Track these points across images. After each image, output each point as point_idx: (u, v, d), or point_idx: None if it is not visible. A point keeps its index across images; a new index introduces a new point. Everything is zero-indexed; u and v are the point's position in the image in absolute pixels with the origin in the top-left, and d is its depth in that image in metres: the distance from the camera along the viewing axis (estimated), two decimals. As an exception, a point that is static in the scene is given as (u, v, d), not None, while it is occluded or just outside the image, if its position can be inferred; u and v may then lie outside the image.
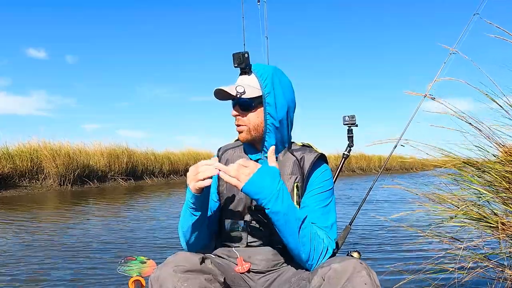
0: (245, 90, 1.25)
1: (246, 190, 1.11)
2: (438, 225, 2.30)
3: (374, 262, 3.19)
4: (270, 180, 1.11)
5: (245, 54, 1.26)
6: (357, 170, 22.19)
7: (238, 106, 1.30)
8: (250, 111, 1.28)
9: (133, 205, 7.07)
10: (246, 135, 1.30)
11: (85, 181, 10.31)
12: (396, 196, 7.95)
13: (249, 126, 1.29)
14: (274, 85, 1.28)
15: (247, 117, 1.29)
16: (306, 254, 1.15)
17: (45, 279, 2.77)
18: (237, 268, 1.26)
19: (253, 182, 1.10)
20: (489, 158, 2.18)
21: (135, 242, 3.99)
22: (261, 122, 1.29)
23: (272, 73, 1.30)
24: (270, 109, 1.28)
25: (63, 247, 3.72)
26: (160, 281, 1.01)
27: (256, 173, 1.11)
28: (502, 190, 2.07)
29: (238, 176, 1.12)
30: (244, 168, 1.12)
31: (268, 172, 1.13)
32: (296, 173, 1.29)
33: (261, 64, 1.33)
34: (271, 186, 1.11)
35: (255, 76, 1.28)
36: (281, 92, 1.30)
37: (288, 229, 1.12)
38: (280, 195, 1.11)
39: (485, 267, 2.17)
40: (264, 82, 1.27)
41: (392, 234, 4.39)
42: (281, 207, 1.11)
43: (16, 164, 9.11)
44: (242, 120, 1.30)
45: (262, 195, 1.10)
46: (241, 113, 1.29)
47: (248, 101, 1.27)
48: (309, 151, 1.34)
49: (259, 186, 1.10)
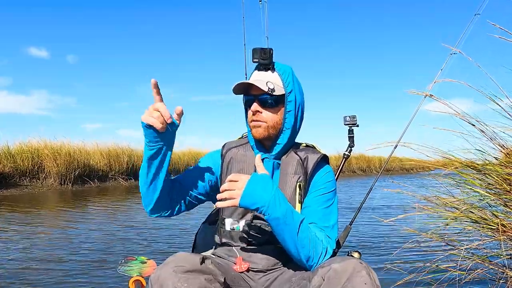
0: (274, 87, 1.24)
1: (243, 204, 1.12)
2: (439, 226, 2.30)
3: (375, 262, 3.19)
4: (263, 187, 1.12)
5: (270, 50, 1.24)
6: (358, 171, 22.17)
7: (258, 102, 1.27)
8: (272, 108, 1.27)
9: (133, 205, 7.07)
10: (263, 132, 1.28)
11: (85, 180, 10.32)
12: (396, 198, 7.94)
13: (268, 123, 1.28)
14: (294, 84, 1.29)
15: (267, 114, 1.27)
16: (306, 256, 1.15)
17: (45, 278, 2.78)
18: (235, 267, 1.26)
19: (247, 194, 1.11)
20: (491, 160, 2.18)
21: (135, 242, 3.99)
22: (280, 120, 1.29)
23: (292, 72, 1.30)
24: (291, 108, 1.28)
25: (63, 247, 3.72)
26: (160, 281, 1.01)
27: (247, 185, 1.11)
28: (503, 192, 2.07)
29: (231, 194, 1.12)
30: (234, 183, 1.13)
31: (259, 180, 1.13)
32: (299, 172, 1.29)
33: (278, 62, 1.32)
34: (265, 193, 1.11)
35: (277, 73, 1.27)
36: (298, 91, 1.31)
37: (287, 232, 1.13)
38: (276, 200, 1.11)
39: (485, 268, 2.17)
40: (287, 81, 1.27)
41: (393, 235, 4.39)
42: (279, 212, 1.11)
43: (17, 163, 9.12)
44: (261, 117, 1.27)
45: (259, 204, 1.11)
46: (261, 109, 1.27)
47: (272, 98, 1.26)
48: (312, 151, 1.34)
49: (253, 197, 1.11)
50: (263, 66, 1.27)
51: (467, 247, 2.15)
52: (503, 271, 2.13)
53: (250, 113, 1.28)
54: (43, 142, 9.99)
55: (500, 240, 2.00)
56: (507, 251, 2.13)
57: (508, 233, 1.99)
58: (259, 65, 1.28)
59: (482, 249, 2.24)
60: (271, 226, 1.14)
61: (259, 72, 1.29)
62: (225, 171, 1.35)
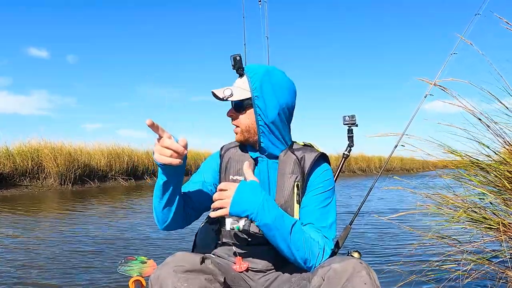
0: (232, 93, 1.27)
1: (233, 212, 1.12)
2: (440, 226, 2.29)
3: (375, 262, 3.18)
4: (251, 195, 1.12)
5: (236, 57, 1.29)
6: (357, 171, 22.15)
7: (233, 108, 1.33)
8: (241, 112, 1.31)
9: (133, 205, 7.07)
10: (239, 136, 1.33)
11: (85, 180, 10.31)
12: (396, 199, 7.94)
13: (241, 127, 1.32)
14: (263, 86, 1.28)
15: (239, 119, 1.32)
16: (302, 259, 1.15)
17: (45, 278, 2.77)
18: (235, 267, 1.26)
19: (236, 202, 1.11)
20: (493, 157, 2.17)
21: (135, 242, 3.99)
22: (252, 123, 1.30)
23: (262, 74, 1.29)
24: (259, 111, 1.28)
25: (63, 246, 3.72)
26: (160, 281, 1.01)
27: (236, 192, 1.12)
28: (505, 191, 2.06)
29: (221, 203, 1.14)
30: (223, 192, 1.14)
31: (247, 187, 1.13)
32: (296, 172, 1.28)
33: (255, 65, 1.33)
34: (254, 200, 1.11)
35: (245, 78, 1.30)
36: (272, 93, 1.28)
37: (279, 237, 1.13)
38: (265, 207, 1.12)
39: (486, 269, 2.16)
40: (254, 84, 1.28)
41: (393, 234, 4.39)
42: (269, 218, 1.11)
43: (16, 163, 9.12)
44: (235, 121, 1.33)
45: (248, 211, 1.11)
46: (234, 114, 1.32)
47: (238, 103, 1.30)
48: (310, 150, 1.33)
49: (242, 204, 1.11)
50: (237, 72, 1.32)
51: (468, 247, 2.15)
52: (503, 271, 2.13)
53: None
54: (43, 142, 10.00)
55: (500, 239, 2.00)
56: (508, 251, 2.13)
57: (509, 232, 1.99)
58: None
59: (483, 249, 2.23)
60: (263, 232, 1.15)
61: (237, 78, 1.33)
62: (224, 171, 1.35)
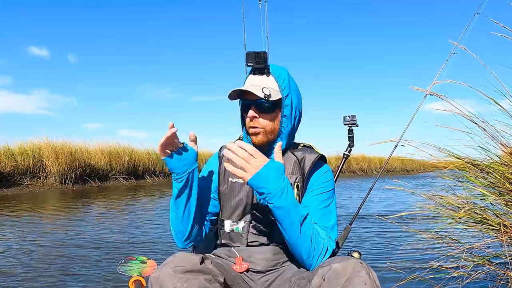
0: (270, 93, 1.22)
1: (251, 183, 1.10)
2: (440, 227, 2.29)
3: (375, 262, 3.18)
4: (276, 175, 1.10)
5: (264, 54, 1.21)
6: (358, 172, 22.14)
7: (255, 107, 1.25)
8: (268, 114, 1.25)
9: (134, 205, 7.07)
10: (262, 138, 1.27)
11: (86, 180, 10.33)
12: (397, 199, 7.94)
13: (265, 128, 1.26)
14: (290, 87, 1.27)
15: (264, 120, 1.26)
16: (307, 252, 1.14)
17: (45, 278, 2.78)
18: (235, 267, 1.26)
19: (260, 176, 1.09)
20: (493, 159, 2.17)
21: (135, 242, 3.99)
22: (277, 125, 1.27)
23: (288, 75, 1.29)
24: (288, 113, 1.26)
25: (63, 246, 3.72)
26: (160, 282, 1.01)
27: (265, 167, 1.09)
28: (505, 192, 2.06)
29: (245, 167, 1.10)
30: (253, 159, 1.10)
31: (275, 167, 1.11)
32: (296, 173, 1.28)
33: (274, 64, 1.29)
34: (277, 182, 1.10)
35: (272, 77, 1.25)
36: (295, 94, 1.30)
37: (290, 224, 1.12)
38: (284, 191, 1.10)
39: (486, 269, 2.16)
40: (283, 84, 1.25)
41: (393, 235, 4.38)
42: (285, 203, 1.10)
43: (17, 162, 9.14)
44: (258, 122, 1.26)
45: (267, 190, 1.09)
46: (258, 115, 1.25)
47: (269, 103, 1.23)
48: (309, 151, 1.33)
49: (265, 180, 1.09)
50: (258, 70, 1.25)
51: (468, 247, 2.14)
52: (504, 272, 2.13)
53: (248, 119, 1.26)
54: (45, 141, 10.00)
55: (501, 240, 1.99)
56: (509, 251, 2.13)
57: (510, 233, 1.98)
58: (254, 69, 1.25)
59: (484, 249, 2.23)
60: (275, 215, 1.13)
61: (254, 77, 1.26)
62: (223, 173, 1.35)
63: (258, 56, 1.21)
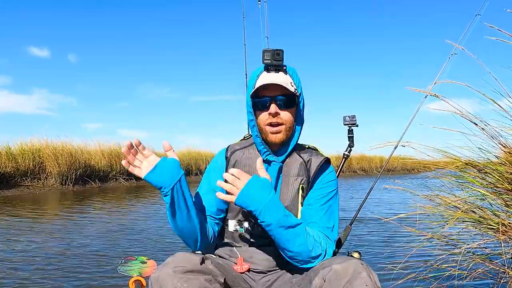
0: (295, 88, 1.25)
1: (238, 203, 1.11)
2: (440, 226, 2.29)
3: (375, 263, 3.18)
4: (260, 192, 1.10)
5: (282, 52, 1.22)
6: (359, 171, 22.13)
7: (276, 103, 1.23)
8: (289, 109, 1.25)
9: (134, 205, 7.08)
10: (283, 135, 1.26)
11: (86, 180, 10.33)
12: (397, 199, 7.94)
13: (286, 124, 1.25)
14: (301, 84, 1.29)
15: (285, 115, 1.25)
16: (304, 261, 1.15)
17: (45, 278, 2.78)
18: (236, 268, 1.27)
19: (243, 195, 1.09)
20: (491, 159, 2.18)
21: (136, 242, 4.00)
22: (293, 121, 1.28)
23: (296, 72, 1.31)
24: (302, 108, 1.29)
25: (63, 246, 3.73)
26: (160, 282, 1.01)
27: (246, 186, 1.09)
28: (504, 192, 2.06)
29: (231, 189, 1.11)
30: (237, 181, 1.11)
31: (258, 184, 1.11)
32: (302, 175, 1.29)
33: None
34: (262, 198, 1.09)
35: (288, 74, 1.26)
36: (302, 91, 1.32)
37: (282, 238, 1.12)
38: (271, 207, 1.09)
39: (486, 268, 2.16)
40: (297, 81, 1.27)
41: (393, 235, 4.39)
42: (273, 219, 1.09)
43: (18, 163, 9.13)
44: (280, 118, 1.24)
45: (253, 207, 1.09)
46: (280, 110, 1.24)
47: (293, 99, 1.24)
48: (315, 154, 1.34)
49: (248, 199, 1.09)
50: (275, 67, 1.24)
51: (468, 246, 2.15)
52: (504, 271, 2.13)
53: (265, 115, 1.24)
54: (45, 141, 10.01)
55: (500, 239, 2.00)
56: (508, 251, 2.13)
57: (509, 232, 1.99)
58: (268, 66, 1.24)
59: (483, 248, 2.23)
60: (266, 231, 1.14)
61: (269, 74, 1.25)
62: None
63: (277, 53, 1.22)
